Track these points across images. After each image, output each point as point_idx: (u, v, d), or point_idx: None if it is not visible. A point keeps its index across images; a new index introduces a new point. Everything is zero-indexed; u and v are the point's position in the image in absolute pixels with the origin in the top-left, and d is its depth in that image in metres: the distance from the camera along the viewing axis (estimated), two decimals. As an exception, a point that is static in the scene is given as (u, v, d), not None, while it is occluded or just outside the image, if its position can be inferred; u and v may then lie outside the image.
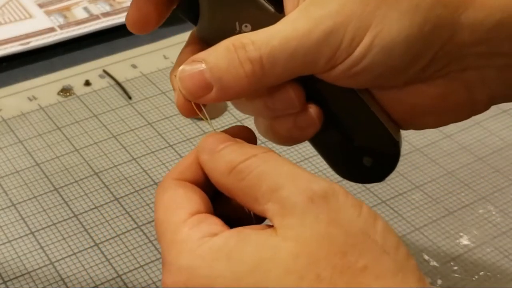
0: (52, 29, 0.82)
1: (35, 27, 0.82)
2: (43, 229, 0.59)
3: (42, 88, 0.75)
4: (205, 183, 0.40)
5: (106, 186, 0.63)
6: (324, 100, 0.42)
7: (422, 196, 0.63)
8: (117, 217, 0.60)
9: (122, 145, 0.68)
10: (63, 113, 0.71)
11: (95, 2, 0.86)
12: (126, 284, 0.54)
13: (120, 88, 0.75)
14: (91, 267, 0.56)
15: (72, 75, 0.77)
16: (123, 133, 0.69)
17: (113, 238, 0.58)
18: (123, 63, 0.79)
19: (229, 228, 0.37)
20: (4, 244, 0.57)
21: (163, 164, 0.66)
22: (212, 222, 0.37)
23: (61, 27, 0.82)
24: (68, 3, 0.86)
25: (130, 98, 0.74)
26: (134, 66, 0.78)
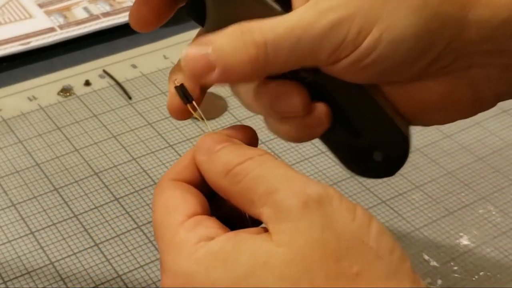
0: (52, 29, 0.82)
1: (35, 27, 0.82)
2: (43, 229, 0.59)
3: (42, 88, 0.75)
4: (202, 183, 0.40)
5: (106, 186, 0.63)
6: (333, 97, 0.42)
7: (422, 196, 0.63)
8: (117, 217, 0.60)
9: (122, 145, 0.68)
10: (63, 113, 0.71)
11: (95, 2, 0.86)
12: (126, 284, 0.54)
13: (120, 88, 0.75)
14: (91, 267, 0.56)
15: (72, 75, 0.77)
16: (123, 133, 0.69)
17: (113, 238, 0.58)
18: (123, 63, 0.79)
19: (226, 230, 0.37)
20: (4, 244, 0.57)
21: (163, 164, 0.66)
22: (209, 224, 0.37)
23: (61, 27, 0.82)
24: (68, 3, 0.86)
25: (130, 98, 0.74)
26: (134, 66, 0.78)
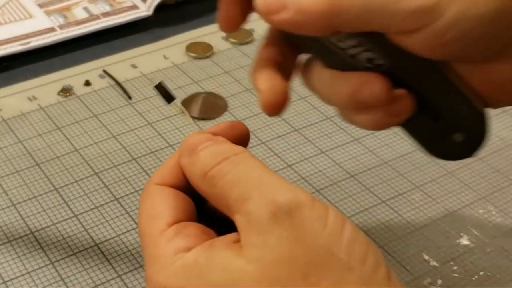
0: (52, 29, 0.82)
1: (35, 27, 0.82)
2: (43, 229, 0.59)
3: (42, 88, 0.75)
4: (188, 185, 0.40)
5: (106, 186, 0.63)
6: (411, 82, 0.42)
7: (422, 196, 0.63)
8: (117, 217, 0.60)
9: (122, 145, 0.68)
10: (63, 113, 0.71)
11: (95, 2, 0.86)
12: (126, 284, 0.54)
13: (120, 88, 0.75)
14: (91, 267, 0.56)
15: (72, 75, 0.77)
16: (123, 133, 0.69)
17: (113, 238, 0.58)
18: (123, 63, 0.79)
19: (207, 236, 0.38)
20: (4, 244, 0.57)
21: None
22: (188, 233, 0.38)
23: (61, 27, 0.82)
24: (68, 3, 0.86)
25: (130, 98, 0.74)
26: (134, 66, 0.78)
